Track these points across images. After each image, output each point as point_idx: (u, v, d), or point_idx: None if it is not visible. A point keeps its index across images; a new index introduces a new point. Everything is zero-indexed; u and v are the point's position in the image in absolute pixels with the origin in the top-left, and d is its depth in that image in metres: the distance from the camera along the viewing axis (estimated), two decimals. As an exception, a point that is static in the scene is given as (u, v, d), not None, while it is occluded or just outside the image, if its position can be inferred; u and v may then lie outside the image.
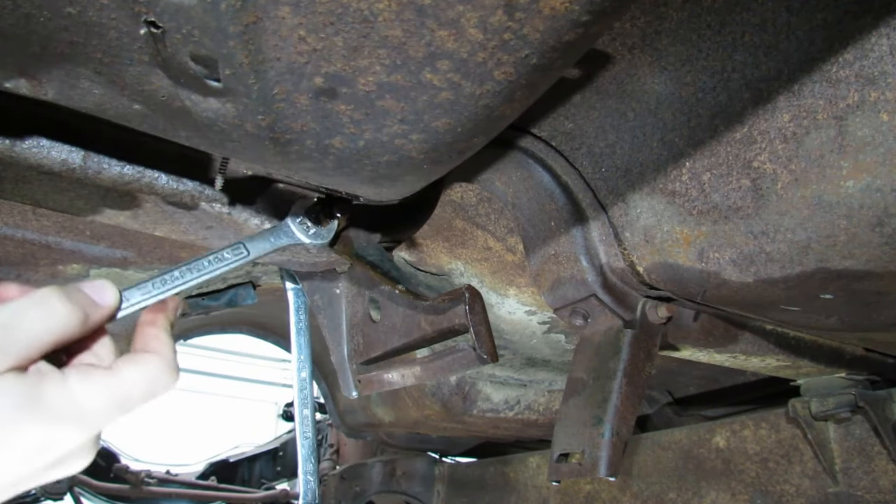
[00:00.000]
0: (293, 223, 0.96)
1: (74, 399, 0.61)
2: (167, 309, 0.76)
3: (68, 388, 0.61)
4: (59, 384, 0.60)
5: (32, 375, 0.59)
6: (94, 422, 0.62)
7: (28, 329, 0.59)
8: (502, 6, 0.53)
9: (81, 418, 0.61)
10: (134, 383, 0.65)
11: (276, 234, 0.94)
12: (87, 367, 0.64)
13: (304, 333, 1.35)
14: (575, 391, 1.21)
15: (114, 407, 0.63)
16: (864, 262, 0.94)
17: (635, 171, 1.12)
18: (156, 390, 0.67)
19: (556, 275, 1.28)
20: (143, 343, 0.71)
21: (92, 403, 0.62)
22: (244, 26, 0.55)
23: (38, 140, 0.80)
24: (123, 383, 0.64)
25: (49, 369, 0.61)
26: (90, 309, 0.65)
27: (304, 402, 1.33)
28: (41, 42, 0.60)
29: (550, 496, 2.69)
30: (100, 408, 0.62)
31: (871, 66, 0.80)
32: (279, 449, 4.56)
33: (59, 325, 0.61)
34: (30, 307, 0.60)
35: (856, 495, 1.75)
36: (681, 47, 0.96)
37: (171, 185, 0.90)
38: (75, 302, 0.63)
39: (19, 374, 0.58)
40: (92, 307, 0.65)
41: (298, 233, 0.96)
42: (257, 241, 0.91)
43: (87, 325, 0.64)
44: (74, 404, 0.61)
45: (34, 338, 0.59)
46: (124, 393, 0.64)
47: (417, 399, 2.33)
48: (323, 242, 0.98)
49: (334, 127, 0.68)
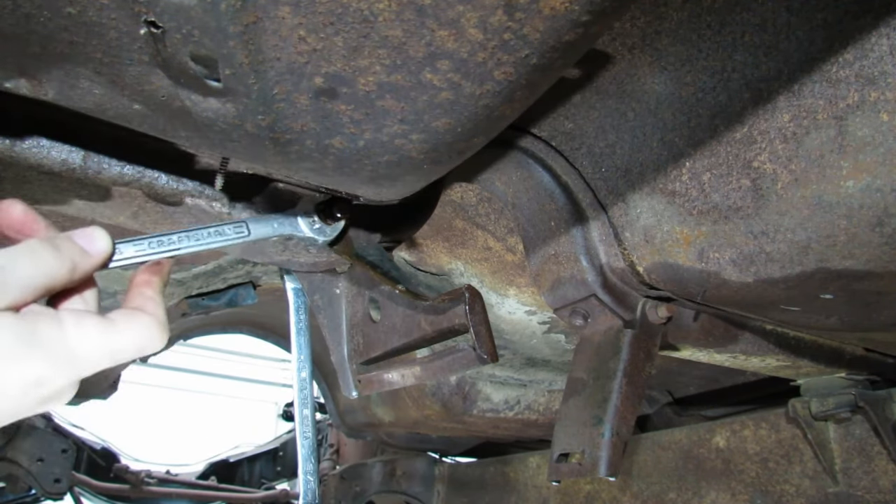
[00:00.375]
0: (300, 215, 0.96)
1: (67, 340, 0.63)
2: (162, 272, 0.77)
3: (63, 329, 0.63)
4: (54, 325, 0.62)
5: (28, 314, 0.61)
6: (84, 365, 0.64)
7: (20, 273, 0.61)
8: (502, 6, 0.53)
9: (74, 360, 0.63)
10: (126, 336, 0.67)
11: (280, 221, 0.94)
12: (81, 312, 0.66)
13: (304, 333, 1.35)
14: (575, 391, 1.21)
15: (105, 354, 0.65)
16: (864, 262, 0.94)
17: (635, 171, 1.12)
18: (145, 348, 0.69)
19: (556, 275, 1.28)
20: (138, 302, 0.72)
21: (84, 347, 0.64)
22: (244, 26, 0.55)
23: (38, 140, 0.80)
24: (117, 334, 0.66)
25: (43, 310, 0.63)
26: (79, 258, 0.66)
27: (304, 402, 1.33)
28: (41, 42, 0.60)
29: (550, 496, 2.69)
30: (91, 352, 0.64)
31: (871, 66, 0.80)
32: (279, 449, 4.56)
33: (48, 272, 0.63)
34: (21, 253, 0.62)
35: (856, 495, 1.75)
36: (681, 47, 0.96)
37: (171, 185, 0.90)
38: (62, 251, 0.65)
39: (15, 313, 0.60)
40: (81, 256, 0.67)
41: (303, 225, 0.96)
42: (261, 223, 0.91)
43: (77, 273, 0.66)
44: (68, 345, 0.63)
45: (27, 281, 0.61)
46: (116, 343, 0.66)
47: (417, 399, 2.33)
48: (325, 239, 0.97)
49: (334, 127, 0.68)
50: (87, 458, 3.69)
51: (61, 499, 3.39)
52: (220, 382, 10.46)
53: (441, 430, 2.81)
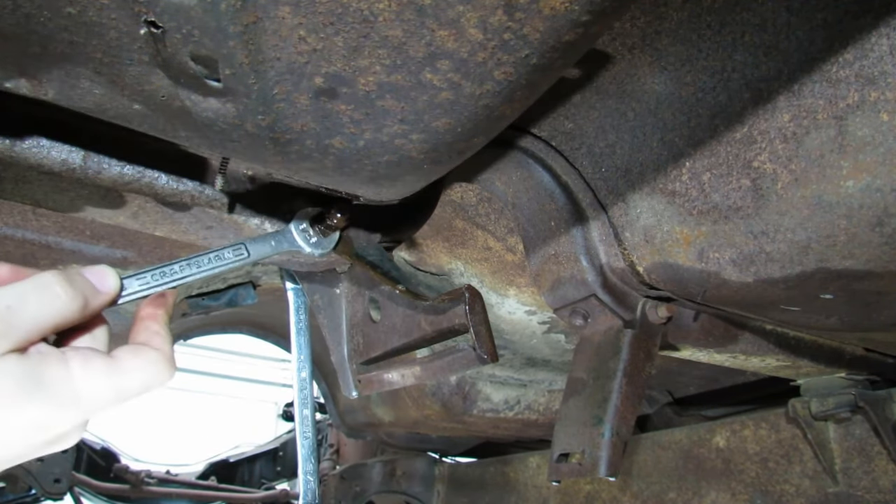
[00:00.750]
0: (296, 230, 0.97)
1: (74, 383, 0.61)
2: (166, 304, 0.76)
3: (69, 371, 0.61)
4: (60, 367, 0.61)
5: (34, 356, 0.60)
6: (90, 407, 0.63)
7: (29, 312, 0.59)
8: (502, 6, 0.53)
9: (79, 402, 0.61)
10: (133, 374, 0.66)
11: (277, 239, 0.95)
12: (87, 352, 0.64)
13: (304, 333, 1.35)
14: (575, 391, 1.21)
15: (111, 395, 0.64)
16: (864, 262, 0.94)
17: (635, 171, 1.12)
18: (153, 384, 0.67)
19: (556, 275, 1.28)
20: (143, 337, 0.71)
21: (90, 389, 0.62)
22: (244, 26, 0.55)
23: (38, 140, 0.80)
24: (123, 373, 0.65)
25: (50, 351, 0.61)
26: (91, 294, 0.65)
27: (304, 401, 1.33)
28: (41, 42, 0.60)
29: (550, 496, 2.69)
30: (98, 394, 0.63)
31: (871, 66, 0.80)
32: (279, 449, 4.56)
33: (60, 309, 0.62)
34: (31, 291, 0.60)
35: (856, 495, 1.75)
36: (681, 47, 0.96)
37: (171, 185, 0.90)
38: (76, 287, 0.63)
39: (20, 355, 0.59)
40: (93, 293, 0.66)
41: (300, 240, 0.97)
42: (259, 243, 0.92)
43: (87, 311, 0.65)
44: (74, 388, 0.61)
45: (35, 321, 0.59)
46: (123, 383, 0.65)
47: (417, 399, 2.33)
48: (322, 252, 0.98)
49: (334, 127, 0.68)
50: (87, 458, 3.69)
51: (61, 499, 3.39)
52: (220, 382, 10.46)
53: (441, 430, 2.81)
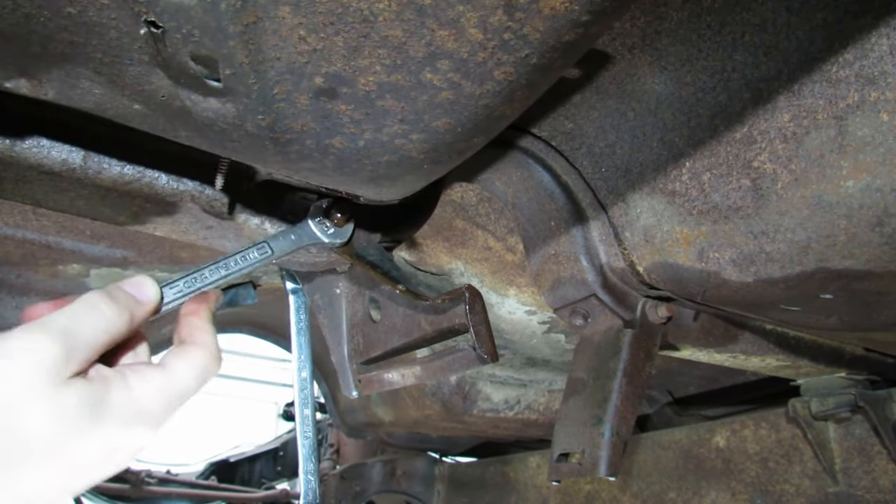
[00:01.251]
0: (313, 223, 0.97)
1: (137, 401, 0.62)
2: (209, 300, 0.77)
3: (130, 390, 0.61)
4: (122, 387, 0.61)
5: (97, 381, 0.59)
6: (156, 421, 0.63)
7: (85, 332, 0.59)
8: (502, 6, 0.53)
9: (144, 419, 0.62)
10: (186, 377, 0.67)
11: (297, 234, 0.96)
12: (141, 367, 0.65)
13: (305, 333, 1.35)
14: (575, 391, 1.21)
15: (172, 403, 0.65)
16: (864, 262, 0.94)
17: (635, 171, 1.12)
18: (206, 380, 0.69)
19: (556, 275, 1.28)
20: (188, 334, 0.72)
21: (153, 403, 0.63)
22: (244, 26, 0.55)
23: (38, 140, 0.80)
24: (178, 379, 0.66)
25: (110, 372, 0.62)
26: (134, 307, 0.66)
27: (305, 401, 1.33)
28: (41, 42, 0.60)
29: (550, 496, 2.69)
30: (160, 406, 0.64)
31: (871, 66, 0.80)
32: (279, 449, 4.57)
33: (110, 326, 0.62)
34: (81, 311, 0.60)
35: (856, 495, 1.75)
36: (681, 47, 0.96)
37: (171, 185, 0.90)
38: (120, 302, 0.64)
39: (84, 379, 0.59)
40: (136, 305, 0.66)
41: (318, 233, 0.98)
42: (280, 239, 0.93)
43: (134, 323, 0.65)
44: (138, 406, 0.62)
45: (91, 340, 0.59)
46: (179, 388, 0.66)
47: (417, 399, 2.33)
48: (342, 242, 0.99)
49: (334, 127, 0.68)
50: (88, 457, 3.69)
51: (61, 498, 3.38)
52: (220, 382, 10.45)
53: (441, 430, 2.81)
